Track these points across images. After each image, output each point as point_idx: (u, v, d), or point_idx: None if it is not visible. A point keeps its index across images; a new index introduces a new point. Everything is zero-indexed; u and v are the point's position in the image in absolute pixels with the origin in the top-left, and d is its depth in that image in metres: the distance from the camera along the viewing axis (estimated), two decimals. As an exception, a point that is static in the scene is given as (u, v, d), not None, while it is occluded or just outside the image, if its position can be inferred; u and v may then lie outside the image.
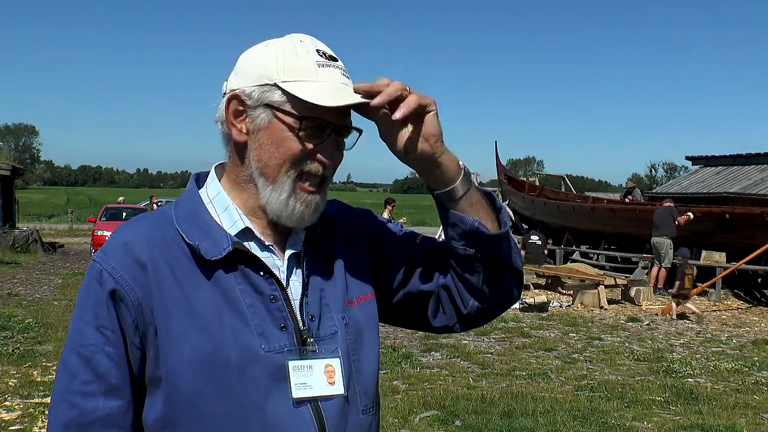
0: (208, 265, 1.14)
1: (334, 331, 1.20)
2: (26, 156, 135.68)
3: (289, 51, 1.15)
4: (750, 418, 5.79)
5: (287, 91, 1.13)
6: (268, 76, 1.14)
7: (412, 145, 1.15)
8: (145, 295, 1.12)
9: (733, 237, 12.78)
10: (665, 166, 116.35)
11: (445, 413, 5.70)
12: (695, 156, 22.28)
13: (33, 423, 5.27)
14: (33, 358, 7.25)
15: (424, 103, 1.14)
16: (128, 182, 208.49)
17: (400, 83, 1.13)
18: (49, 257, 19.67)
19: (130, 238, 1.16)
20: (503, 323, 10.01)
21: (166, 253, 1.14)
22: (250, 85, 1.16)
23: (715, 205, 15.29)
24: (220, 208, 1.20)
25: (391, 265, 1.31)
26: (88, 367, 1.13)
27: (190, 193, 1.24)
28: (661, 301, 12.64)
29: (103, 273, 1.14)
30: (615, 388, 6.60)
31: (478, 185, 1.26)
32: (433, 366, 7.40)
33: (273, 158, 1.15)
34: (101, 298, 1.13)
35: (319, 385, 1.15)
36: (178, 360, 1.10)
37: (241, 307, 1.13)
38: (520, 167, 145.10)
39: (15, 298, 11.46)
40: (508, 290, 1.27)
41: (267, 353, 1.12)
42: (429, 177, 1.19)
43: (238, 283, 1.14)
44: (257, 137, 1.16)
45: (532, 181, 22.94)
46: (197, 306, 1.12)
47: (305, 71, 1.14)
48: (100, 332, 1.13)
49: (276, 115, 1.14)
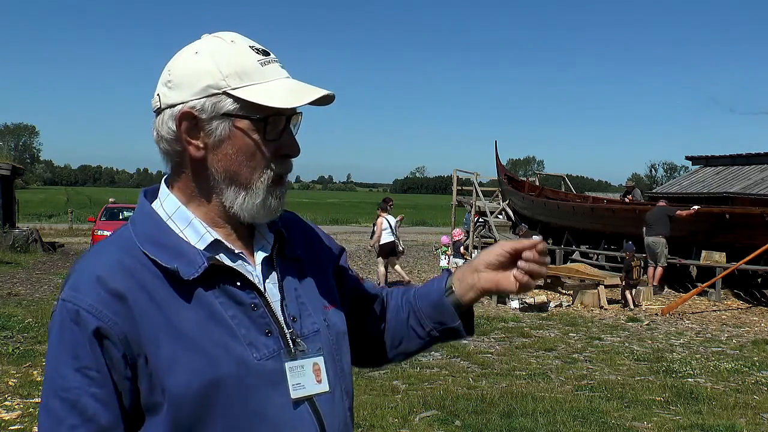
0: (184, 285, 1.11)
1: (315, 329, 1.21)
2: (26, 156, 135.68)
3: (226, 55, 1.13)
4: (750, 418, 5.79)
5: (240, 98, 1.11)
6: (215, 85, 1.12)
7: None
8: (129, 326, 1.08)
9: (733, 237, 12.76)
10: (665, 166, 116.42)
11: (445, 413, 5.69)
12: (695, 156, 22.27)
13: (33, 423, 5.27)
14: (33, 357, 7.25)
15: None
16: (128, 182, 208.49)
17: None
18: (49, 257, 19.66)
19: (100, 271, 1.10)
20: (503, 323, 10.01)
21: (140, 279, 1.10)
22: (197, 98, 1.12)
23: (715, 205, 15.28)
24: (182, 224, 1.16)
25: (344, 294, 1.38)
26: (74, 410, 1.07)
27: (144, 211, 1.19)
28: (661, 300, 12.64)
29: (80, 313, 1.08)
30: (615, 388, 6.60)
31: (478, 184, 1.31)
32: (433, 366, 7.40)
33: (243, 166, 1.14)
34: (80, 339, 1.07)
35: (310, 384, 1.17)
36: (175, 384, 1.08)
37: (226, 320, 1.12)
38: (520, 167, 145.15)
39: (15, 298, 11.47)
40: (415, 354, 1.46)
41: (259, 362, 1.12)
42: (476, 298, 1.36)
43: (216, 297, 1.12)
44: (220, 149, 1.14)
45: (532, 181, 22.88)
46: (183, 327, 1.09)
47: (251, 74, 1.13)
48: (82, 374, 1.07)
49: (235, 124, 1.13)
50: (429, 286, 1.41)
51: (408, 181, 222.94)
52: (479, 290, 1.33)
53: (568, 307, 11.86)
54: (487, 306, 11.83)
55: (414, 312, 1.39)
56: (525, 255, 1.27)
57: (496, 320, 10.23)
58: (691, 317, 11.12)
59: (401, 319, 1.41)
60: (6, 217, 21.29)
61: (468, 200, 21.62)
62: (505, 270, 1.31)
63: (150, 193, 1.23)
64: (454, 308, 1.35)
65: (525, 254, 1.27)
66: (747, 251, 11.76)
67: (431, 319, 1.37)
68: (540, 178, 24.38)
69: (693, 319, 10.95)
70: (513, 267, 1.30)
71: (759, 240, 11.68)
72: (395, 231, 13.46)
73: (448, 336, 1.39)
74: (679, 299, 11.79)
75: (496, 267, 1.31)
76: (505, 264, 1.31)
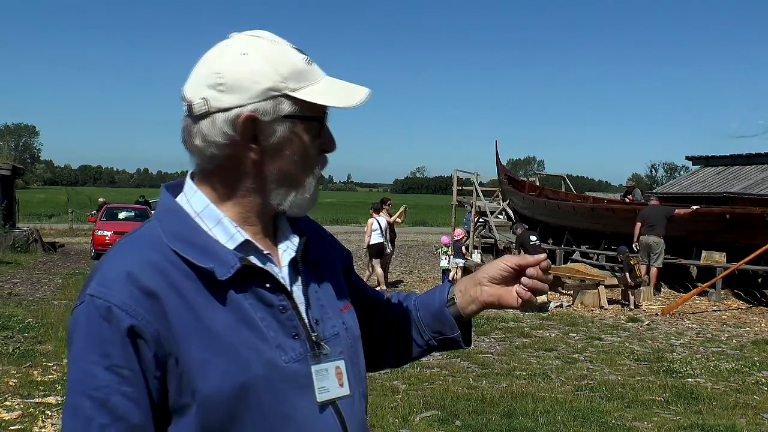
0: (215, 285, 1.09)
1: (335, 332, 1.21)
2: (26, 156, 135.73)
3: (277, 56, 1.13)
4: (750, 418, 5.79)
5: (299, 99, 1.12)
6: (275, 87, 1.11)
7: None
8: (160, 325, 1.06)
9: (733, 237, 12.76)
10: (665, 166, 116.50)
11: (445, 413, 5.69)
12: (695, 156, 22.26)
13: (33, 423, 5.27)
14: (33, 357, 7.25)
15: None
16: (128, 182, 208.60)
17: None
18: (50, 257, 19.66)
19: (131, 267, 1.07)
20: (503, 323, 10.01)
21: (170, 278, 1.08)
22: (257, 102, 1.11)
23: (715, 205, 15.28)
24: (210, 222, 1.14)
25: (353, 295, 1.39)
26: (104, 409, 1.04)
27: (171, 207, 1.16)
28: (661, 301, 12.64)
29: (111, 309, 1.04)
30: (615, 388, 6.60)
31: (478, 184, 1.33)
32: (433, 366, 7.40)
33: (298, 167, 1.16)
34: (112, 336, 1.04)
35: (333, 387, 1.17)
36: (207, 387, 1.06)
37: (255, 322, 1.11)
38: (520, 167, 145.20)
39: (15, 298, 11.47)
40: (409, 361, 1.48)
41: (287, 364, 1.12)
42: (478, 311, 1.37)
43: (246, 298, 1.11)
44: (277, 151, 1.14)
45: (532, 181, 22.88)
46: (214, 329, 1.08)
47: (305, 74, 1.14)
48: (113, 372, 1.04)
49: (295, 125, 1.14)
50: (430, 295, 1.41)
51: (408, 181, 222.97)
52: (481, 304, 1.34)
53: (569, 307, 11.86)
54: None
55: (414, 321, 1.41)
56: (529, 272, 1.28)
57: (496, 320, 10.23)
58: (692, 317, 11.12)
59: (401, 327, 1.42)
60: (6, 217, 21.29)
61: (468, 200, 21.63)
62: (508, 285, 1.32)
63: (172, 188, 1.21)
64: (454, 319, 1.36)
65: (529, 271, 1.28)
66: (747, 251, 11.76)
67: (430, 329, 1.39)
68: (540, 178, 24.38)
69: (693, 319, 10.95)
70: (515, 282, 1.31)
71: (759, 240, 11.68)
72: (385, 232, 13.38)
73: (446, 346, 1.40)
74: (679, 299, 11.79)
75: (499, 281, 1.32)
76: (507, 279, 1.31)
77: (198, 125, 1.13)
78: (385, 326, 1.43)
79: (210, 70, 1.12)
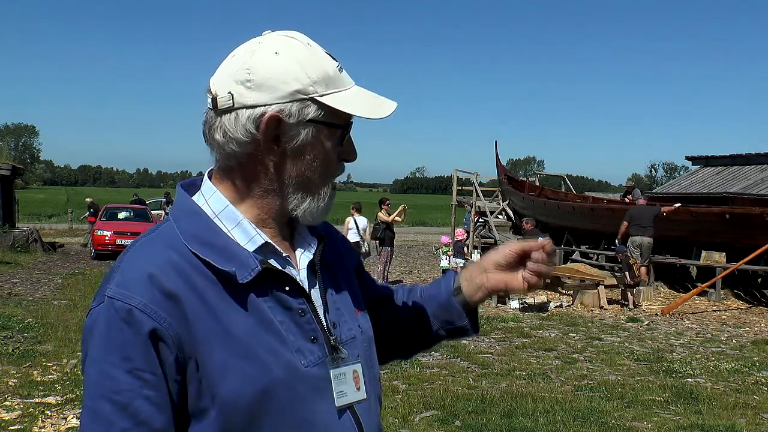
0: (235, 288, 1.08)
1: (352, 336, 1.20)
2: (26, 156, 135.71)
3: (310, 59, 1.11)
4: (750, 418, 5.79)
5: (326, 105, 1.11)
6: (303, 90, 1.09)
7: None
8: (182, 329, 1.04)
9: (733, 237, 12.77)
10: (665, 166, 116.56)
11: (445, 413, 5.70)
12: (695, 156, 22.27)
13: (33, 423, 5.27)
14: (33, 357, 7.25)
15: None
16: (128, 182, 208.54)
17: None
18: (49, 257, 19.65)
19: (152, 268, 1.05)
20: (503, 323, 10.01)
21: (190, 280, 1.06)
22: (283, 102, 1.09)
23: (715, 205, 15.28)
24: (230, 223, 1.13)
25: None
26: (125, 413, 1.02)
27: (188, 207, 1.14)
28: (661, 301, 12.64)
29: (133, 312, 1.02)
30: (615, 388, 6.60)
31: (478, 184, 1.33)
32: (433, 366, 7.40)
33: (318, 173, 1.14)
34: (133, 339, 1.03)
35: (351, 391, 1.16)
36: (228, 391, 1.05)
37: (275, 325, 1.09)
38: (520, 167, 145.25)
39: (15, 298, 11.46)
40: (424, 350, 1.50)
41: (307, 368, 1.11)
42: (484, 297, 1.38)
43: (266, 301, 1.10)
44: (298, 155, 1.12)
45: (532, 181, 22.89)
46: (235, 332, 1.06)
47: (334, 80, 1.12)
48: (134, 376, 1.03)
49: (319, 130, 1.12)
50: (436, 286, 1.41)
51: (408, 181, 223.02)
52: (488, 290, 1.35)
53: (568, 307, 11.86)
54: (487, 306, 11.82)
55: (422, 312, 1.41)
56: (534, 256, 1.30)
57: (496, 320, 10.23)
58: (691, 317, 11.12)
59: (409, 319, 1.42)
60: (6, 217, 21.29)
61: (468, 200, 21.62)
62: (513, 270, 1.32)
63: (188, 187, 1.19)
64: (462, 308, 1.37)
65: (534, 255, 1.30)
66: (747, 251, 11.76)
67: (438, 319, 1.39)
68: (540, 178, 24.38)
69: (693, 319, 10.95)
70: (520, 267, 1.32)
71: (759, 240, 11.68)
72: (362, 232, 13.59)
73: (455, 335, 1.41)
74: (679, 299, 11.79)
75: (504, 267, 1.32)
76: (512, 264, 1.32)
77: (221, 119, 1.11)
78: (393, 320, 1.43)
79: (240, 66, 1.10)
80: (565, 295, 13.05)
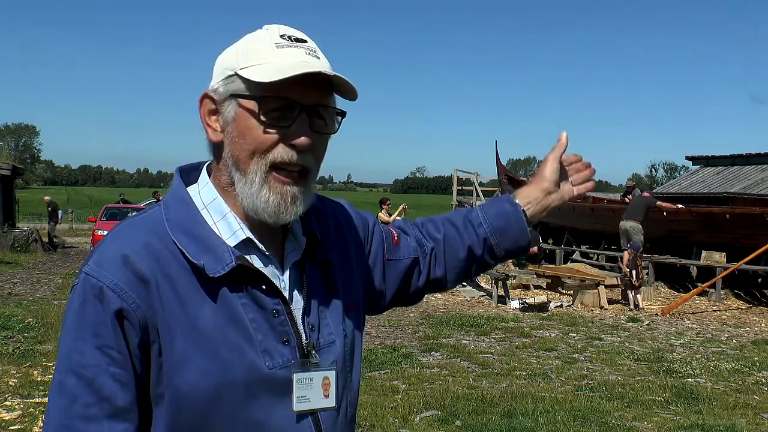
0: (209, 281, 1.07)
1: (331, 340, 1.18)
2: (26, 156, 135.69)
3: (250, 39, 1.12)
4: (750, 418, 5.78)
5: (242, 77, 1.08)
6: (230, 67, 1.10)
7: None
8: (149, 312, 1.05)
9: (733, 237, 12.77)
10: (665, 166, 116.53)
11: (445, 413, 5.69)
12: (695, 156, 22.27)
13: (33, 423, 5.27)
14: (33, 357, 7.25)
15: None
16: (128, 182, 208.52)
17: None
18: (50, 257, 19.65)
19: (128, 250, 1.06)
20: (503, 323, 10.01)
21: (165, 267, 1.07)
22: (217, 81, 1.12)
23: (715, 205, 15.27)
24: (216, 216, 1.12)
25: (381, 280, 1.37)
26: (89, 388, 1.03)
27: (180, 196, 1.15)
28: (661, 301, 12.64)
29: (104, 290, 1.04)
30: (615, 388, 6.59)
31: (478, 184, 1.34)
32: (433, 366, 7.39)
33: (242, 150, 1.09)
34: (103, 317, 1.04)
35: (316, 398, 1.14)
36: (182, 382, 1.05)
37: (245, 323, 1.08)
38: (520, 167, 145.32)
39: (15, 298, 11.46)
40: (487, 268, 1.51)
41: (271, 370, 1.09)
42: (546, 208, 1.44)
43: (239, 298, 1.09)
44: (229, 132, 1.10)
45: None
46: (201, 325, 1.06)
47: (261, 54, 1.08)
48: (102, 352, 1.04)
49: (240, 103, 1.08)
50: (503, 217, 1.41)
51: (408, 181, 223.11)
52: (550, 208, 1.43)
53: (569, 307, 11.85)
54: (487, 306, 11.83)
55: (484, 240, 1.41)
56: (575, 167, 1.46)
57: (497, 320, 10.22)
58: (692, 317, 11.12)
59: (468, 252, 1.42)
60: (6, 217, 21.28)
61: (468, 200, 21.63)
62: (562, 181, 1.44)
63: (186, 172, 1.19)
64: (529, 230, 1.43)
65: (574, 166, 1.46)
66: (747, 251, 11.76)
67: (503, 246, 1.42)
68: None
69: (693, 319, 10.94)
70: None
71: (759, 240, 11.68)
72: None
73: (511, 255, 1.48)
74: (679, 299, 11.78)
75: (558, 183, 1.43)
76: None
77: None
78: (446, 258, 1.43)
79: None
80: (565, 295, 13.04)
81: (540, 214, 1.42)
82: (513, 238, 1.40)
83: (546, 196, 1.41)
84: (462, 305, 11.73)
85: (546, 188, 1.41)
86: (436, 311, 11.06)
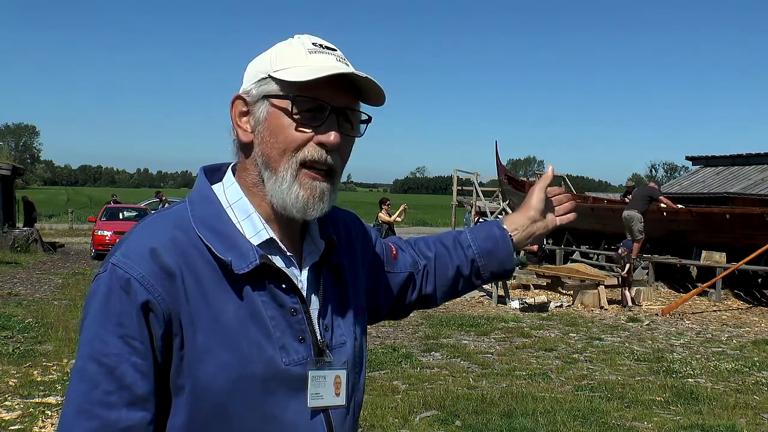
0: (232, 277, 1.11)
1: (343, 341, 1.23)
2: (26, 156, 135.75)
3: (284, 46, 1.18)
4: (750, 418, 5.78)
5: (278, 79, 1.13)
6: (264, 70, 1.16)
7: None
8: (174, 305, 1.09)
9: (733, 237, 12.77)
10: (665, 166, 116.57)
11: (445, 413, 5.69)
12: (695, 156, 22.28)
13: (33, 423, 5.27)
14: (33, 357, 7.25)
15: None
16: (128, 182, 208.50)
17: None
18: (50, 257, 19.64)
19: (156, 244, 1.10)
20: (503, 323, 10.01)
21: (191, 262, 1.10)
22: (250, 84, 1.17)
23: (715, 205, 15.27)
24: (241, 215, 1.17)
25: (381, 291, 1.43)
26: (110, 376, 1.06)
27: (206, 194, 1.19)
28: (661, 301, 12.63)
29: (131, 281, 1.07)
30: (615, 388, 6.59)
31: (478, 184, 1.38)
32: (433, 366, 7.40)
33: (273, 148, 1.14)
34: (128, 308, 1.07)
35: (329, 396, 1.18)
36: (203, 374, 1.09)
37: (264, 320, 1.12)
38: (520, 167, 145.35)
39: (15, 298, 11.46)
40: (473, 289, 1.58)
41: (287, 366, 1.13)
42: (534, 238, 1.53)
43: (260, 295, 1.13)
44: (259, 132, 1.15)
45: (533, 181, 22.89)
46: (223, 320, 1.10)
47: (295, 58, 1.15)
48: (125, 342, 1.07)
49: (272, 103, 1.14)
50: (491, 241, 1.50)
51: (408, 181, 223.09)
52: (535, 236, 1.52)
53: (569, 308, 11.85)
54: (487, 306, 11.83)
55: (472, 262, 1.49)
56: (557, 199, 1.54)
57: (497, 320, 10.22)
58: (692, 317, 11.12)
59: (456, 272, 1.50)
60: (6, 217, 21.27)
61: (468, 200, 21.66)
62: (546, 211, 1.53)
63: (210, 172, 1.23)
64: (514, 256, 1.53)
65: (557, 198, 1.54)
66: (747, 251, 11.76)
67: (489, 269, 1.50)
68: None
69: (693, 320, 10.94)
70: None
71: (759, 240, 11.68)
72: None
73: (496, 278, 1.56)
74: (679, 299, 11.78)
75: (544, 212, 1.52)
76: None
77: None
78: (436, 276, 1.50)
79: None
80: (565, 295, 13.04)
81: (526, 240, 1.51)
82: (499, 261, 1.49)
83: (532, 224, 1.50)
84: (462, 305, 11.73)
85: (532, 216, 1.50)
86: (436, 311, 11.05)
